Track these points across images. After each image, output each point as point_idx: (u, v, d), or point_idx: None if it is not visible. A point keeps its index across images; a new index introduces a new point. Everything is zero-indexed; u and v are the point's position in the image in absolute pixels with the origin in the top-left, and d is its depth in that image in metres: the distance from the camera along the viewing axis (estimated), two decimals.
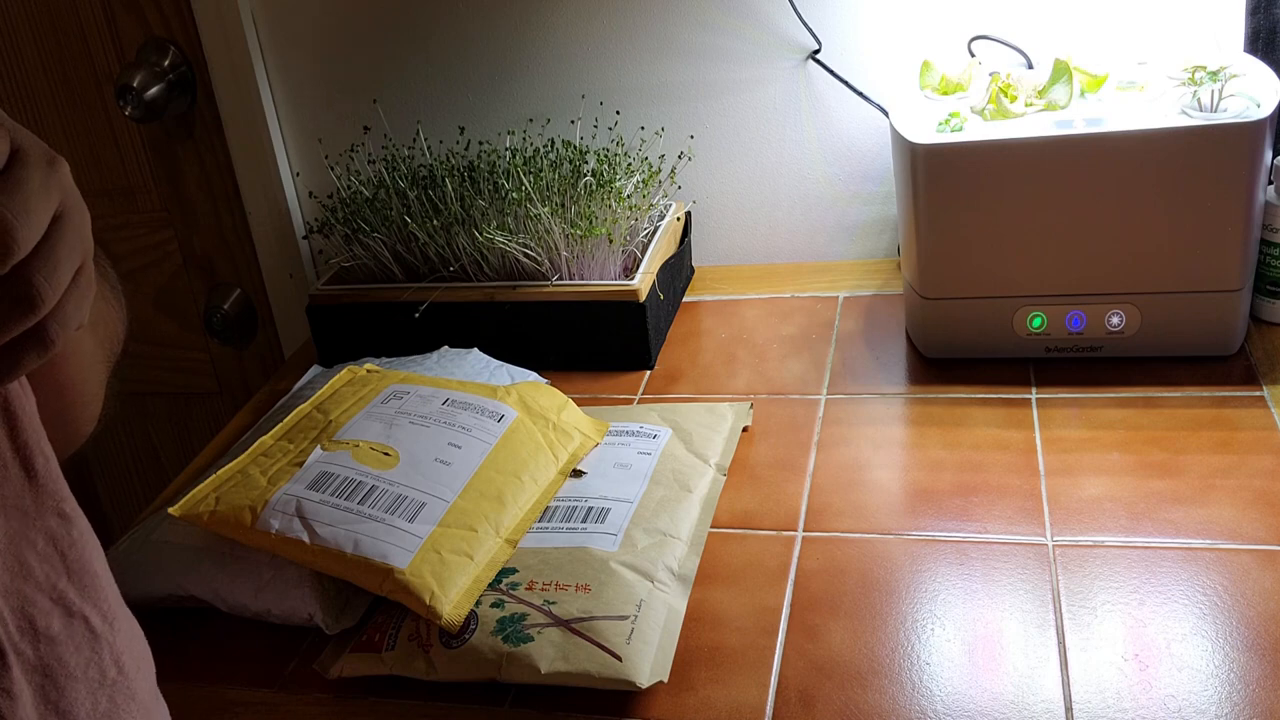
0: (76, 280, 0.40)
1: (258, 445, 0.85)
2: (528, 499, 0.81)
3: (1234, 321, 0.92)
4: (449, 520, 0.76)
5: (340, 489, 0.78)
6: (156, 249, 1.43)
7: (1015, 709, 0.63)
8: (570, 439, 0.88)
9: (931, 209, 0.92)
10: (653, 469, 0.85)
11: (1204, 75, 0.87)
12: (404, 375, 0.94)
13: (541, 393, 0.93)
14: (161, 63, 1.30)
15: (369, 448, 0.82)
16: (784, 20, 1.15)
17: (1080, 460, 0.83)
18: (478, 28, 1.24)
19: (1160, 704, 0.62)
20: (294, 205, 1.35)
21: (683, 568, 0.76)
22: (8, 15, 1.32)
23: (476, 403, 0.88)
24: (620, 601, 0.71)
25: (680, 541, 0.78)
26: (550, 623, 0.70)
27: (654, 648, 0.68)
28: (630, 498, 0.82)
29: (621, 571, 0.73)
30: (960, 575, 0.74)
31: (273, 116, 1.32)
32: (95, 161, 1.39)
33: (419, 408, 0.87)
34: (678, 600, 0.73)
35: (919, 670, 0.67)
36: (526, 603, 0.71)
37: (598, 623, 0.69)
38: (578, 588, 0.72)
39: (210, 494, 0.79)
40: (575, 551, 0.76)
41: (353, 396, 0.90)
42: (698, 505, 0.82)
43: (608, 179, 1.07)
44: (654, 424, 0.91)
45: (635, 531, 0.78)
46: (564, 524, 0.79)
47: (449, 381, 0.93)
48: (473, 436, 0.84)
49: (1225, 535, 0.74)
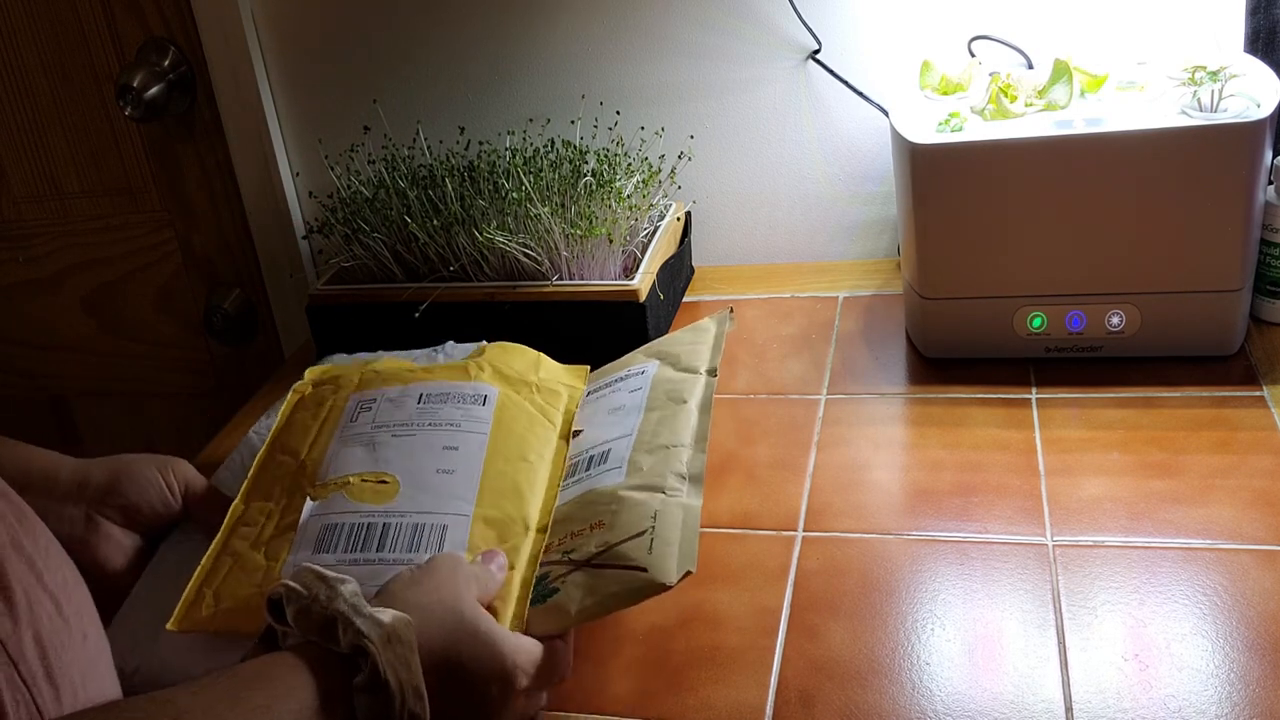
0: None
1: (231, 513, 0.75)
2: (542, 478, 0.76)
3: (1234, 321, 0.92)
4: (477, 537, 0.71)
5: (350, 540, 0.70)
6: (156, 249, 1.43)
7: (1015, 709, 0.63)
8: (558, 396, 0.84)
9: (931, 209, 0.92)
10: (645, 399, 0.82)
11: (1204, 75, 0.87)
12: (357, 373, 0.85)
13: (511, 355, 0.87)
14: (161, 63, 1.30)
15: (361, 481, 0.74)
16: (784, 20, 1.15)
17: (1080, 460, 0.83)
18: (478, 28, 1.24)
19: (1160, 704, 0.62)
20: (294, 205, 1.35)
21: (691, 467, 0.73)
22: (8, 15, 1.32)
23: (452, 390, 0.81)
24: (634, 521, 0.69)
25: (684, 447, 0.75)
26: (571, 568, 0.68)
27: (675, 545, 0.67)
28: (628, 431, 0.79)
29: (631, 495, 0.72)
30: (960, 575, 0.74)
31: (273, 116, 1.32)
32: (95, 161, 1.39)
33: (394, 415, 0.79)
34: (692, 499, 0.71)
35: (919, 670, 0.67)
36: (546, 561, 0.70)
37: (616, 549, 0.67)
38: (592, 527, 0.70)
39: (205, 592, 0.70)
40: (583, 497, 0.74)
41: (314, 422, 0.81)
42: (694, 410, 0.79)
43: (608, 179, 1.07)
44: (640, 363, 0.88)
45: (638, 456, 0.75)
46: (569, 480, 0.77)
47: (409, 368, 0.86)
48: (464, 431, 0.78)
49: (1225, 535, 0.74)
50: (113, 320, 1.48)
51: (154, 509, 0.74)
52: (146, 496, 0.74)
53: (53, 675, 0.46)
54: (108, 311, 1.48)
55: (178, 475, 0.76)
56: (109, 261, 1.44)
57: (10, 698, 0.43)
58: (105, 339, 1.49)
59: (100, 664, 0.52)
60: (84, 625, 0.51)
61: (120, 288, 1.46)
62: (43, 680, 0.46)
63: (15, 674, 0.44)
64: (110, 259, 1.44)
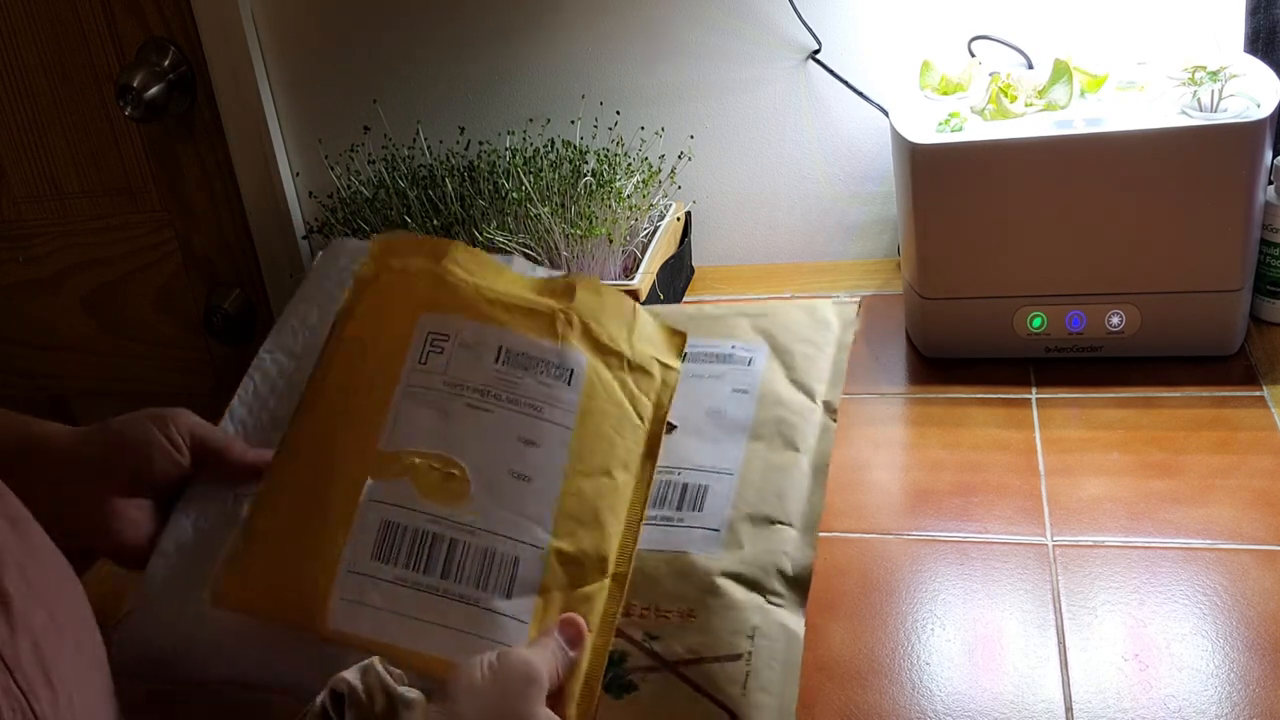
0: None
1: (283, 450, 0.66)
2: (624, 502, 0.66)
3: (1234, 321, 0.92)
4: (550, 578, 0.62)
5: (413, 552, 0.62)
6: (156, 249, 1.43)
7: (1015, 709, 0.63)
8: (651, 379, 0.71)
9: (931, 209, 0.92)
10: (753, 418, 0.72)
11: (1204, 75, 0.87)
12: (429, 281, 0.71)
13: (604, 304, 0.73)
14: (161, 63, 1.30)
15: (429, 466, 0.65)
16: (784, 20, 1.15)
17: (1080, 460, 0.83)
18: (478, 28, 1.24)
19: (1160, 704, 0.62)
20: (294, 205, 1.35)
21: (797, 567, 0.65)
22: (8, 15, 1.32)
23: (535, 352, 0.69)
24: (730, 632, 0.62)
25: (792, 529, 0.67)
26: (655, 666, 0.61)
27: (774, 697, 0.60)
28: (730, 466, 0.69)
29: (729, 588, 0.63)
30: (960, 575, 0.74)
31: (273, 116, 1.32)
32: (95, 161, 1.39)
33: (469, 371, 0.68)
34: (794, 617, 0.64)
35: (919, 670, 0.67)
36: (627, 636, 0.63)
37: (708, 666, 0.61)
38: (681, 615, 0.63)
39: (249, 567, 0.62)
40: (674, 561, 0.65)
41: (383, 336, 0.69)
42: (808, 470, 0.70)
43: (608, 179, 1.07)
44: (747, 339, 0.77)
45: (739, 521, 0.66)
46: (656, 511, 0.67)
47: (488, 297, 0.71)
48: (545, 421, 0.67)
49: (1225, 535, 0.74)
50: (113, 320, 1.48)
51: (162, 471, 0.66)
52: (150, 461, 0.65)
53: (51, 682, 0.46)
54: (108, 311, 1.48)
55: (180, 429, 0.66)
56: (109, 261, 1.44)
57: (7, 706, 0.43)
58: (105, 339, 1.49)
59: (95, 673, 0.51)
60: (78, 633, 0.50)
61: (120, 288, 1.46)
62: (41, 687, 0.45)
63: (11, 682, 0.44)
64: (110, 259, 1.44)
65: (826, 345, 0.78)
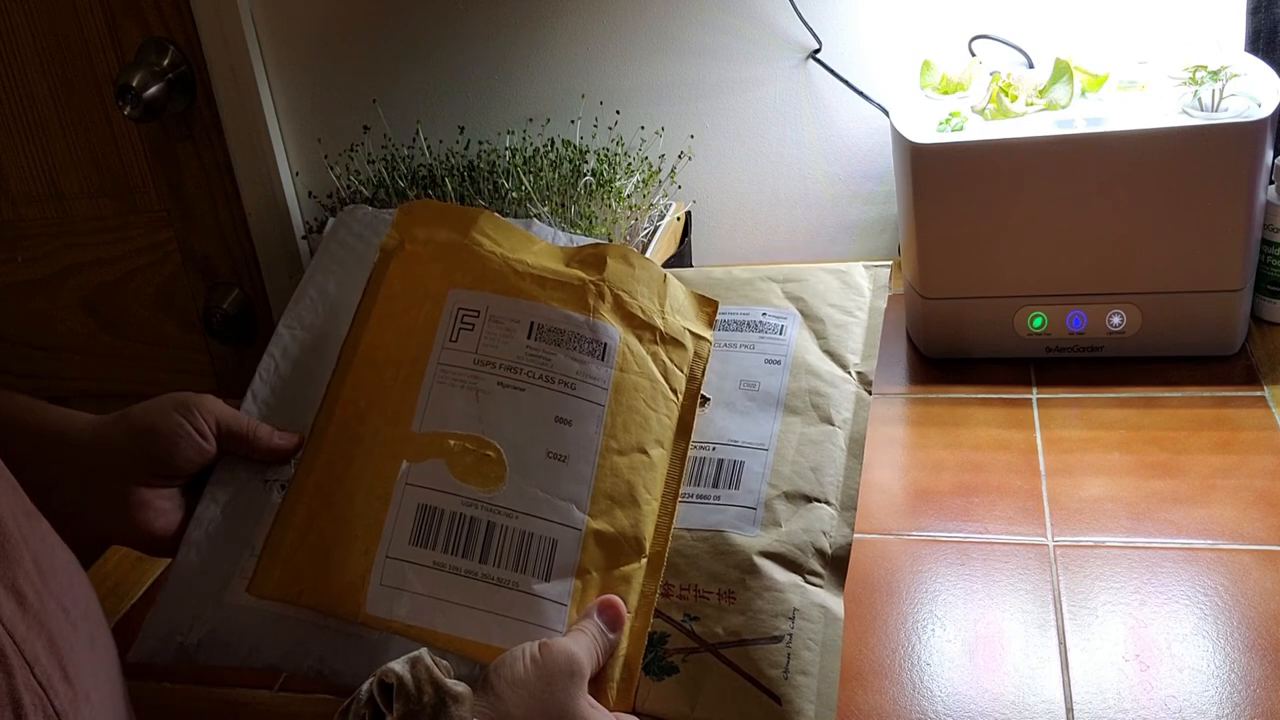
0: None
1: (316, 434, 0.65)
2: (659, 479, 0.65)
3: (1235, 321, 0.92)
4: (588, 559, 0.62)
5: (451, 536, 0.62)
6: (156, 249, 1.43)
7: (1016, 709, 0.63)
8: (684, 352, 0.70)
9: (931, 209, 0.92)
10: (785, 388, 0.70)
11: (1205, 75, 0.87)
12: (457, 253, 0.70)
13: (635, 274, 0.71)
14: (161, 62, 1.30)
15: (464, 447, 0.64)
16: (784, 19, 1.15)
17: (1081, 460, 0.83)
18: (478, 28, 1.24)
19: (1161, 704, 0.62)
20: (294, 205, 1.35)
21: (835, 546, 0.64)
22: (7, 16, 1.32)
23: (567, 326, 0.68)
24: (770, 614, 0.61)
25: (829, 507, 0.66)
26: (695, 648, 0.61)
27: (813, 679, 0.59)
28: (764, 441, 0.68)
29: (767, 569, 0.62)
30: (961, 575, 0.74)
31: (272, 116, 1.31)
32: (95, 161, 1.39)
33: (500, 348, 0.67)
34: (833, 598, 0.62)
35: (919, 670, 0.67)
36: (667, 617, 0.62)
37: (748, 648, 0.60)
38: (721, 596, 0.62)
39: (285, 556, 0.62)
40: (712, 540, 0.64)
41: (412, 312, 0.68)
42: (844, 445, 0.68)
43: (608, 179, 1.07)
44: (778, 305, 0.75)
45: (776, 499, 0.65)
46: (692, 488, 0.66)
47: (518, 269, 0.70)
48: (579, 398, 0.66)
49: (1226, 535, 0.74)
50: (112, 320, 1.48)
51: (188, 460, 0.65)
52: (176, 450, 0.64)
53: (68, 677, 0.46)
54: (107, 311, 1.47)
55: (205, 415, 0.65)
56: (108, 262, 1.44)
57: (29, 702, 0.43)
58: (104, 339, 1.49)
59: (108, 668, 0.51)
60: (90, 629, 0.50)
61: (119, 288, 1.46)
62: (59, 682, 0.45)
63: (31, 677, 0.43)
64: (109, 259, 1.44)
65: (859, 311, 0.76)
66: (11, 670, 0.42)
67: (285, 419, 0.68)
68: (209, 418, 0.65)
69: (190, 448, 0.64)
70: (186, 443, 0.64)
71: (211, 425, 0.65)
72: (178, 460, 0.64)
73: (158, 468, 0.64)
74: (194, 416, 0.65)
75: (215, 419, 0.66)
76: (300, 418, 0.67)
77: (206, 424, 0.65)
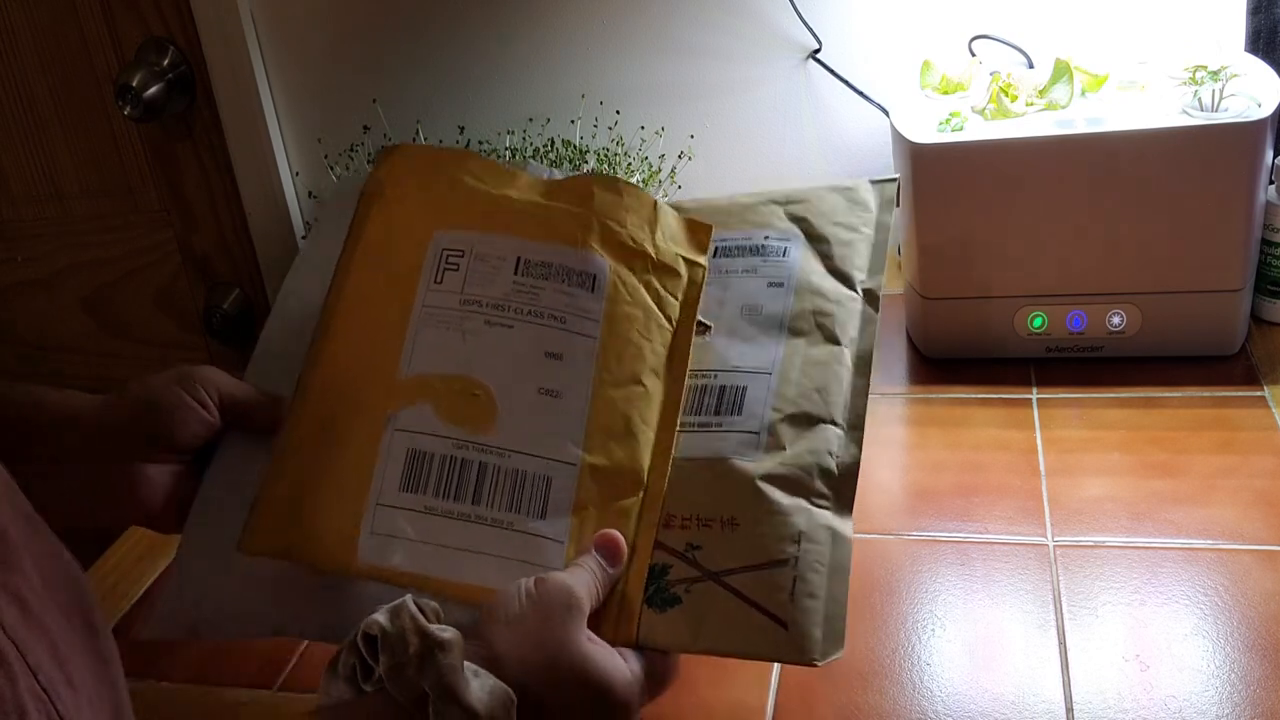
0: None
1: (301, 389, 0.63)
2: (655, 408, 0.63)
3: (1235, 321, 0.92)
4: (584, 494, 0.61)
5: (442, 479, 0.60)
6: (156, 249, 1.43)
7: (1016, 709, 0.63)
8: (677, 279, 0.67)
9: (931, 209, 0.92)
10: (789, 311, 0.68)
11: (1205, 75, 0.87)
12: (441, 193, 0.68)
13: (624, 203, 0.69)
14: (161, 62, 1.30)
15: (451, 388, 0.62)
16: (784, 19, 1.15)
17: (1081, 460, 0.83)
18: (478, 28, 1.24)
19: (1161, 704, 0.62)
20: (294, 205, 1.35)
21: (841, 465, 0.62)
22: (7, 16, 1.32)
23: (555, 259, 0.66)
24: (775, 538, 0.59)
25: (834, 427, 0.63)
26: (699, 576, 0.59)
27: (820, 602, 0.57)
28: (767, 365, 0.65)
29: (771, 493, 0.60)
30: (961, 575, 0.74)
31: (272, 116, 1.31)
32: (95, 161, 1.38)
33: (486, 287, 0.65)
34: (839, 519, 0.60)
35: (919, 670, 0.67)
36: (668, 548, 0.60)
37: (753, 574, 0.58)
38: (723, 524, 0.60)
39: (281, 502, 0.61)
40: (714, 466, 0.62)
41: (395, 257, 0.66)
42: (850, 364, 0.66)
43: None
44: (780, 228, 0.72)
45: (779, 422, 0.63)
46: (693, 417, 0.64)
47: (502, 206, 0.68)
48: (569, 332, 0.64)
49: (1226, 535, 0.74)
50: (112, 320, 1.48)
51: (192, 434, 0.63)
52: (179, 425, 0.62)
53: (72, 682, 0.46)
54: (107, 311, 1.47)
55: (208, 388, 0.63)
56: (108, 262, 1.44)
57: (34, 709, 0.42)
58: (104, 339, 1.49)
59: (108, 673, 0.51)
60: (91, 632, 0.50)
61: (119, 288, 1.46)
62: (63, 687, 0.45)
63: (35, 683, 0.43)
64: (109, 259, 1.44)
65: (864, 228, 0.72)
66: (15, 677, 0.42)
67: (287, 386, 0.66)
68: (210, 389, 0.64)
69: (193, 420, 0.63)
70: (189, 415, 0.63)
71: (214, 396, 0.64)
72: (181, 434, 0.63)
73: (161, 443, 0.63)
74: (195, 389, 0.63)
75: (217, 390, 0.64)
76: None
77: (209, 395, 0.63)
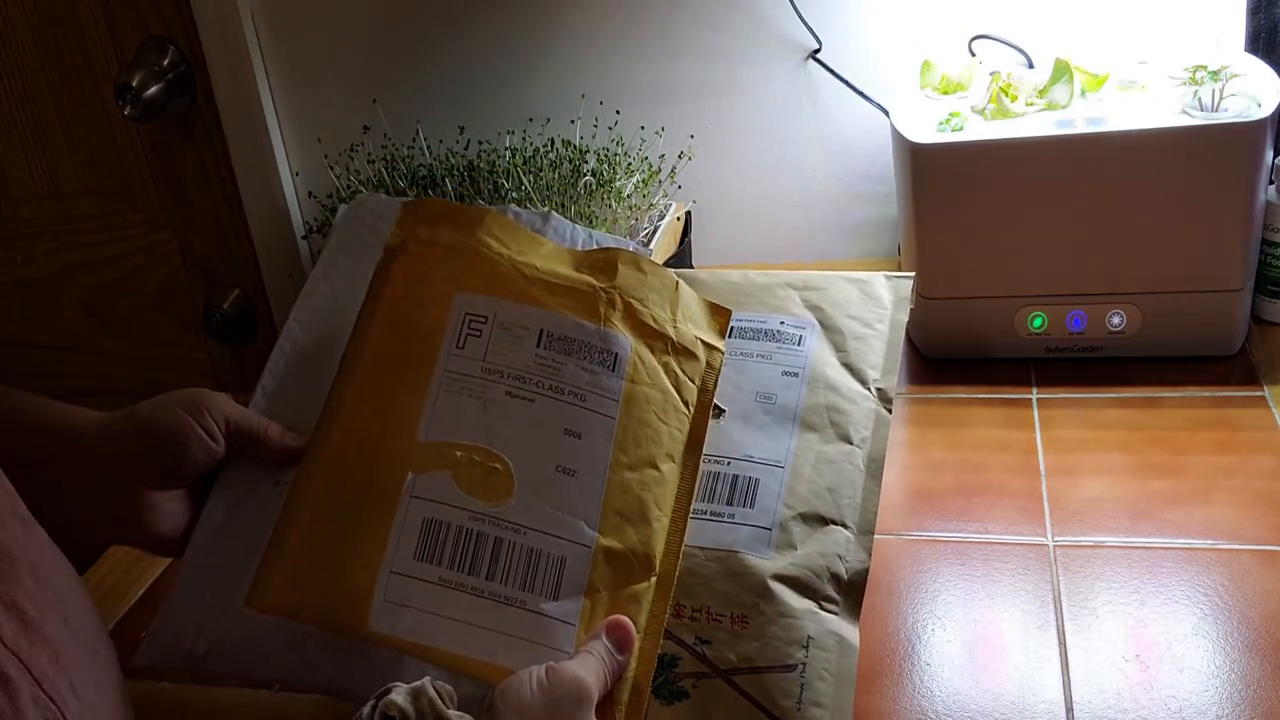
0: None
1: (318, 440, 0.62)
2: (670, 495, 0.63)
3: (1235, 321, 0.92)
4: (598, 577, 0.60)
5: (457, 552, 0.59)
6: (155, 249, 1.43)
7: (1016, 709, 0.63)
8: (695, 361, 0.67)
9: (931, 209, 0.92)
10: (802, 403, 0.68)
11: (1205, 75, 0.87)
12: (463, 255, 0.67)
13: (647, 282, 0.68)
14: (161, 62, 1.29)
15: (471, 459, 0.61)
16: (784, 19, 1.15)
17: (1081, 460, 0.83)
18: (478, 28, 1.24)
19: (1161, 704, 0.62)
20: (294, 205, 1.35)
21: (851, 571, 0.63)
22: (7, 15, 1.32)
23: (577, 335, 0.65)
24: (784, 641, 0.60)
25: (845, 530, 0.64)
26: (707, 672, 0.59)
27: (830, 710, 0.58)
28: (780, 458, 0.66)
29: (782, 594, 0.61)
30: (961, 576, 0.74)
31: (272, 116, 1.31)
32: (94, 161, 1.38)
33: (509, 357, 0.64)
34: (848, 625, 0.61)
35: (919, 670, 0.66)
36: (678, 639, 0.61)
37: (761, 676, 0.59)
38: (733, 620, 0.61)
39: (286, 567, 0.59)
40: (725, 560, 0.62)
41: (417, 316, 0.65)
42: (862, 466, 0.66)
43: (608, 179, 1.07)
44: (796, 315, 0.73)
45: (791, 520, 0.63)
46: (705, 504, 0.64)
47: (527, 274, 0.67)
48: (589, 410, 0.63)
49: (1226, 535, 0.74)
50: (111, 320, 1.48)
51: (196, 461, 0.63)
52: (184, 451, 0.62)
53: (75, 689, 0.46)
54: (106, 311, 1.47)
55: (215, 414, 0.63)
56: (108, 261, 1.44)
57: (40, 716, 0.42)
58: (104, 339, 1.49)
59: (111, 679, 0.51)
60: (90, 637, 0.50)
61: (119, 288, 1.46)
62: (67, 693, 0.45)
63: (40, 691, 0.43)
64: (109, 259, 1.44)
65: (879, 324, 0.73)
66: (18, 689, 0.42)
67: (295, 414, 0.65)
68: (218, 417, 0.63)
69: (199, 449, 0.62)
70: (195, 444, 0.62)
71: (221, 425, 0.63)
72: (186, 462, 0.63)
73: (166, 469, 0.62)
74: (203, 416, 0.63)
75: (225, 418, 0.63)
76: (310, 414, 0.65)
77: (216, 424, 0.63)
